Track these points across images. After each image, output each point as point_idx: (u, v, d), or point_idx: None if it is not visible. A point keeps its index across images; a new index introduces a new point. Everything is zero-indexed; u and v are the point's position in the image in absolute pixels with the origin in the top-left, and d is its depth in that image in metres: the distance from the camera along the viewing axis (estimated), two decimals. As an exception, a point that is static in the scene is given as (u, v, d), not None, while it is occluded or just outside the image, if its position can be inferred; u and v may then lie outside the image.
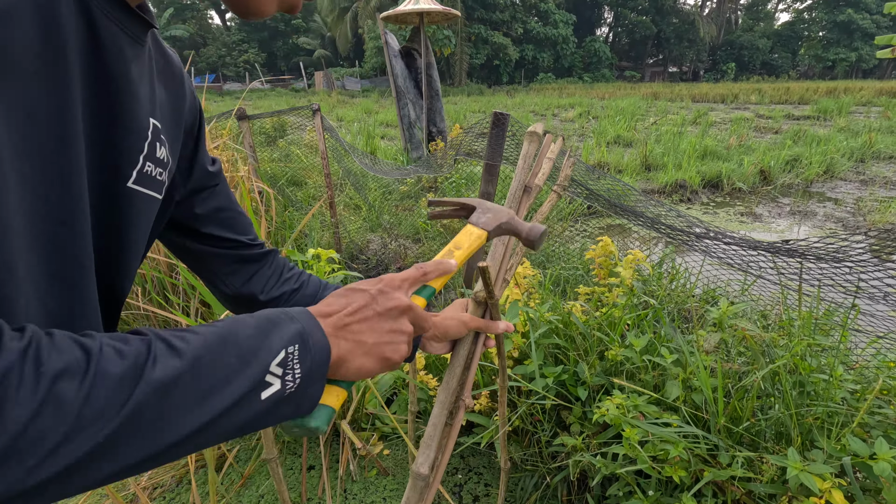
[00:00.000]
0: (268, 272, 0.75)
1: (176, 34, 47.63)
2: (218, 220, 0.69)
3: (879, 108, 16.81)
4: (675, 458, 1.10)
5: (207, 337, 0.39)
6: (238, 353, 0.39)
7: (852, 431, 1.03)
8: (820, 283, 1.22)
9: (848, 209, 5.48)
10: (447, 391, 0.71)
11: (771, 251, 1.21)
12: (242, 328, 0.41)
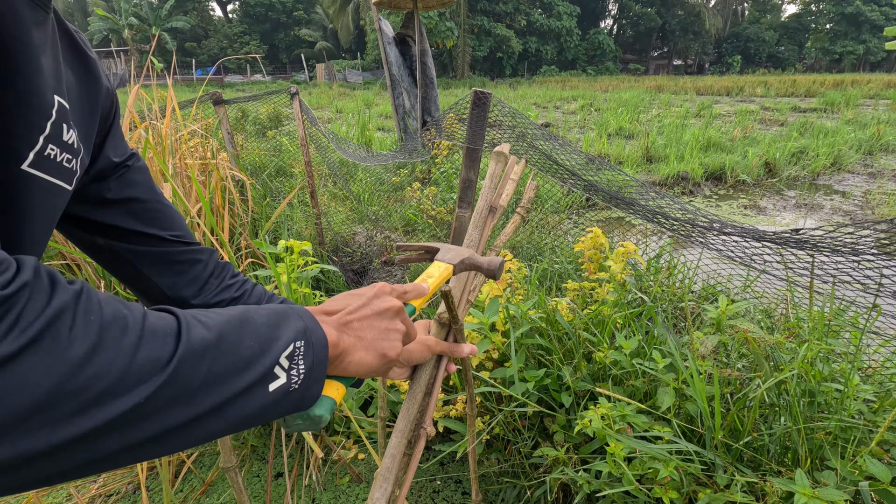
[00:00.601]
0: (202, 274, 0.68)
1: (177, 26, 47.37)
2: (132, 212, 0.62)
3: (888, 101, 16.52)
4: (666, 479, 0.97)
5: (229, 318, 0.38)
6: (256, 338, 0.38)
7: (870, 451, 0.89)
8: (835, 279, 1.08)
9: (856, 202, 5.31)
10: (406, 419, 0.67)
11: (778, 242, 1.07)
12: (256, 315, 0.40)
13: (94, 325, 0.30)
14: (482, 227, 0.96)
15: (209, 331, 0.36)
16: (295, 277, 1.92)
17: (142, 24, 46.26)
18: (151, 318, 0.33)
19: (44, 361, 0.27)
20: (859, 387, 0.96)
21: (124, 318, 0.32)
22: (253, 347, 0.37)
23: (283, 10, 52.97)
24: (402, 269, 2.67)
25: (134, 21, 45.50)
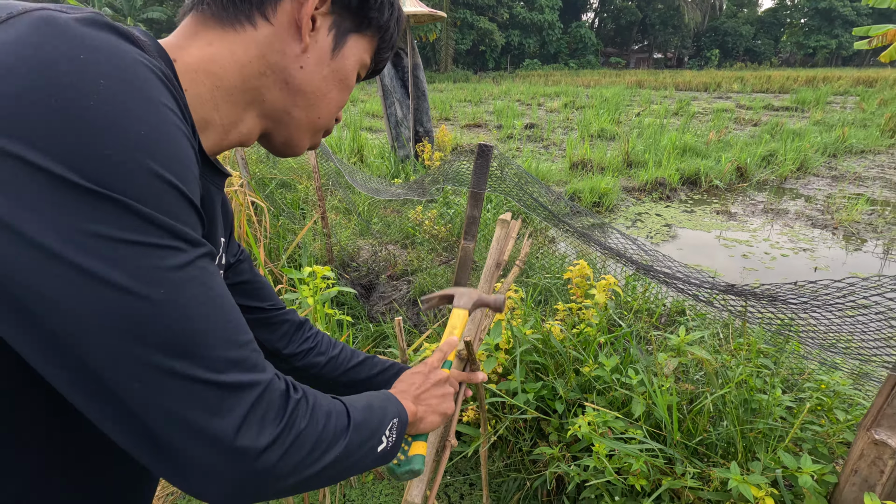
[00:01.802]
0: (289, 331, 0.89)
1: (153, 17, 46.33)
2: (242, 292, 0.83)
3: (856, 98, 17.21)
4: (637, 470, 1.27)
5: (364, 405, 0.56)
6: (376, 419, 0.56)
7: (785, 446, 1.20)
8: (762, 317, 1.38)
9: (818, 207, 5.72)
10: (436, 433, 0.87)
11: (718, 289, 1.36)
12: (376, 402, 0.59)
13: (322, 414, 0.49)
14: (491, 279, 1.20)
15: (358, 413, 0.54)
16: (318, 299, 2.18)
17: (116, 15, 45.13)
18: (337, 407, 0.52)
19: (308, 432, 0.46)
20: (780, 398, 1.28)
21: (329, 409, 0.50)
22: (376, 425, 0.56)
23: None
24: (407, 284, 2.94)
25: (108, 11, 44.30)
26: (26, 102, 0.33)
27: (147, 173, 0.37)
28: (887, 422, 1.03)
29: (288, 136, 0.61)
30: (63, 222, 0.33)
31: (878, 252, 4.46)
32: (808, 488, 1.11)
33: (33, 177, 0.33)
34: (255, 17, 0.54)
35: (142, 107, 0.38)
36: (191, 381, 0.38)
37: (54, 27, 0.36)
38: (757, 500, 1.12)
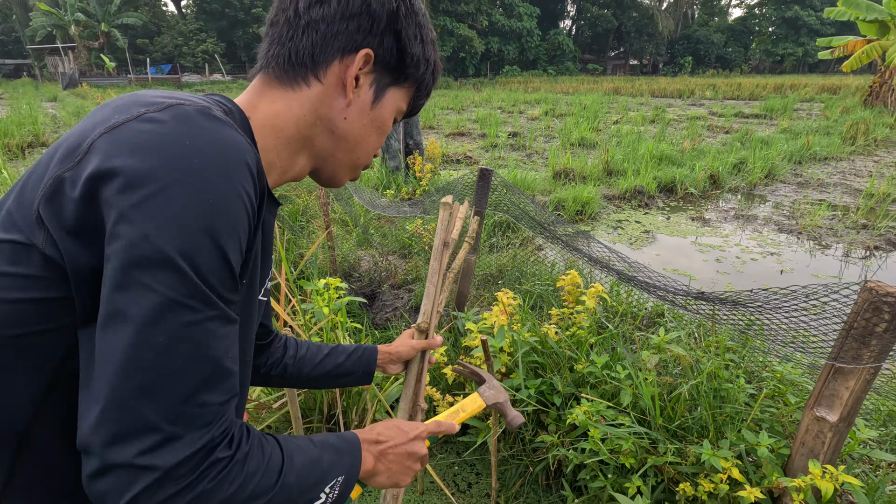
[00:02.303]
0: (268, 348, 0.93)
1: (128, 22, 45.51)
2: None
3: (821, 105, 18.02)
4: (626, 450, 1.50)
5: (307, 460, 0.58)
6: (315, 477, 0.58)
7: (748, 426, 1.45)
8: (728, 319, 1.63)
9: (785, 212, 6.10)
10: (406, 400, 0.97)
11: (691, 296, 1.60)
12: (324, 455, 0.61)
13: (253, 469, 0.50)
14: (440, 257, 1.15)
15: (292, 472, 0.55)
16: (333, 308, 2.37)
17: (89, 20, 44.19)
18: (274, 459, 0.53)
19: (213, 492, 0.46)
20: (744, 386, 1.52)
21: (254, 472, 0.50)
22: (314, 482, 0.58)
23: (241, 6, 51.48)
24: (409, 293, 3.14)
25: (81, 17, 43.32)
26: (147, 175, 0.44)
27: (217, 254, 0.47)
28: (825, 401, 1.28)
29: (332, 173, 0.72)
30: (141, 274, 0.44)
31: (838, 255, 4.82)
32: (766, 459, 1.35)
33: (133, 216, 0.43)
34: (309, 78, 0.63)
35: (233, 198, 0.48)
36: (144, 427, 0.43)
37: (186, 121, 0.48)
38: (725, 469, 1.36)
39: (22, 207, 0.48)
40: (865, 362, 1.17)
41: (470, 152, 9.52)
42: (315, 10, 0.61)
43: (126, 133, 0.46)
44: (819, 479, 1.22)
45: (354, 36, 0.63)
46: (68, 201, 0.45)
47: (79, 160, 0.46)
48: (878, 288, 1.14)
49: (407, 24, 0.65)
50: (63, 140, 0.51)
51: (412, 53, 0.67)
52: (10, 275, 0.47)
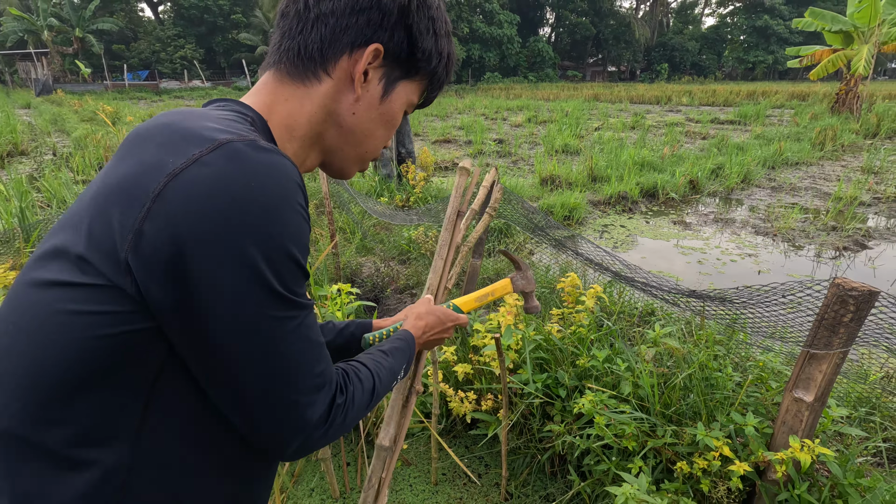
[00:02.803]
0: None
1: (103, 28, 44.72)
2: None
3: (791, 111, 18.72)
4: (629, 434, 1.66)
5: (387, 369, 0.77)
6: (395, 373, 0.79)
7: (735, 409, 1.63)
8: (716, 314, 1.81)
9: (760, 216, 6.41)
10: (403, 385, 1.05)
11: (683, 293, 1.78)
12: (397, 361, 0.80)
13: (354, 408, 0.65)
14: (452, 228, 1.13)
15: (381, 379, 0.73)
16: (346, 313, 2.50)
17: (63, 26, 43.30)
18: (365, 386, 0.69)
19: (345, 422, 0.62)
20: (731, 374, 1.70)
21: (358, 396, 0.66)
22: (392, 377, 0.77)
23: (220, 12, 51.01)
24: (411, 297, 3.28)
25: (54, 22, 42.40)
26: (228, 212, 0.48)
27: (293, 264, 0.53)
28: (802, 384, 1.46)
29: (340, 166, 0.73)
30: (247, 302, 0.51)
31: (810, 255, 5.11)
32: (752, 437, 1.53)
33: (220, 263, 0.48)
34: (319, 73, 0.63)
35: (293, 209, 0.53)
36: (291, 404, 0.56)
37: (238, 159, 0.50)
38: (717, 448, 1.54)
39: (100, 254, 0.50)
40: (835, 348, 1.35)
41: (457, 159, 9.70)
42: (325, 4, 0.61)
43: (190, 184, 0.48)
44: (798, 451, 1.40)
45: (364, 30, 0.62)
46: (154, 256, 0.48)
47: (148, 209, 0.48)
48: (845, 283, 1.32)
49: (419, 18, 0.64)
50: (112, 180, 0.53)
51: (424, 48, 0.66)
52: (98, 313, 0.49)
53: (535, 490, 2.10)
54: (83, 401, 0.51)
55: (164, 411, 0.54)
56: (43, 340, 0.51)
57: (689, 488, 1.59)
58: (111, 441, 0.53)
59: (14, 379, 0.52)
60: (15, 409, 0.52)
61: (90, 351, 0.50)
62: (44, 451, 0.51)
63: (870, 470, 1.54)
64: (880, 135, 12.83)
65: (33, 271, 0.54)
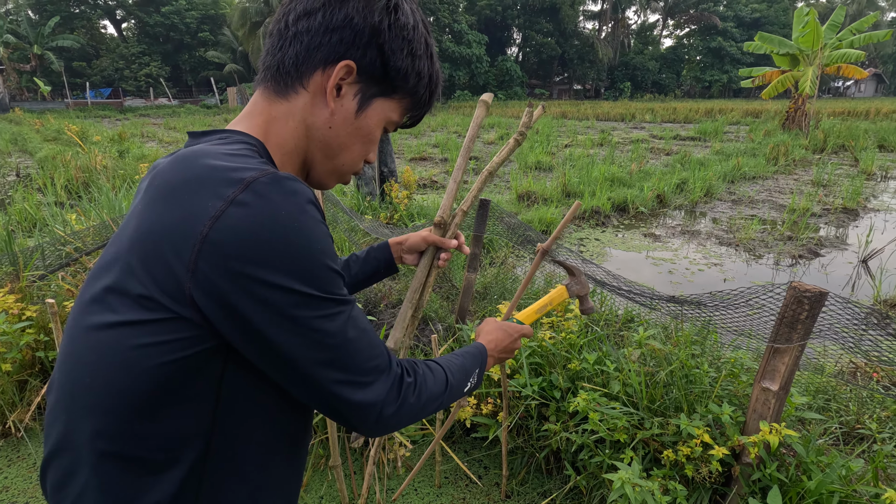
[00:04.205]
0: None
1: (64, 44, 43.59)
2: None
3: (746, 128, 19.81)
4: (620, 427, 1.84)
5: (459, 367, 0.84)
6: (467, 375, 0.85)
7: (712, 401, 1.83)
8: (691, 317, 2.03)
9: (723, 227, 6.82)
10: (413, 290, 0.99)
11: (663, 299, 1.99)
12: (469, 363, 0.86)
13: (426, 389, 0.73)
14: (466, 154, 1.04)
15: (453, 376, 0.80)
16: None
17: (20, 42, 41.99)
18: (437, 376, 0.76)
19: (414, 404, 0.70)
20: (707, 370, 1.91)
21: (432, 384, 0.75)
22: (464, 378, 0.83)
23: (187, 30, 50.39)
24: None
25: (10, 39, 41.08)
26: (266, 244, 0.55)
27: (327, 270, 0.60)
28: (769, 375, 1.68)
29: (318, 178, 0.77)
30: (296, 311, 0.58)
31: (769, 263, 5.49)
32: (728, 424, 1.73)
33: (273, 288, 0.56)
34: (297, 87, 0.68)
35: (318, 232, 0.59)
36: (351, 383, 0.63)
37: (266, 196, 0.56)
38: (698, 435, 1.73)
39: (162, 292, 0.56)
40: (795, 342, 1.57)
41: (435, 177, 9.92)
42: (301, 23, 0.66)
43: (231, 223, 0.54)
44: (768, 434, 1.61)
45: (337, 48, 0.66)
46: (214, 289, 0.55)
47: (198, 250, 0.54)
48: (800, 286, 1.55)
49: (391, 38, 0.67)
50: (157, 227, 0.57)
51: (398, 67, 0.69)
52: (167, 342, 0.57)
53: (534, 487, 2.25)
54: (165, 413, 0.60)
55: (230, 407, 0.63)
56: (122, 375, 0.58)
57: (675, 474, 1.78)
58: (191, 440, 0.61)
59: (100, 411, 0.60)
60: (107, 435, 0.60)
61: (165, 374, 0.58)
62: (138, 461, 0.60)
63: (828, 449, 1.77)
64: (827, 150, 13.75)
65: (92, 315, 0.61)
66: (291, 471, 0.76)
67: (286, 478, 0.74)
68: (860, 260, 5.51)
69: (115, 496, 0.61)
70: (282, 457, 0.72)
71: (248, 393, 0.64)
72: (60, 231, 4.03)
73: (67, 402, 0.63)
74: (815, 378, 2.38)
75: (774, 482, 1.64)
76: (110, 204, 4.96)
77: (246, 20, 44.37)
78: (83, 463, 0.61)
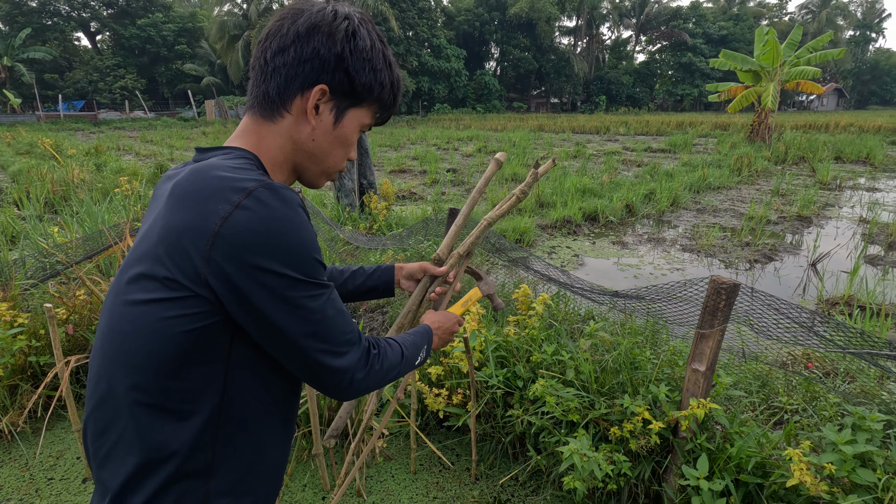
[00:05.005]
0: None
1: (35, 56, 42.86)
2: None
3: (714, 140, 20.61)
4: (573, 409, 2.08)
5: (411, 343, 1.00)
6: (417, 350, 1.01)
7: (652, 383, 2.08)
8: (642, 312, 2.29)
9: (687, 235, 7.20)
10: (403, 315, 1.23)
11: (609, 294, 2.23)
12: (420, 340, 1.03)
13: (387, 360, 0.89)
14: (472, 203, 1.25)
15: (408, 350, 0.96)
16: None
17: (-11, 53, 41.14)
18: (395, 350, 0.92)
19: (379, 370, 0.86)
20: (649, 357, 2.16)
21: (392, 355, 0.90)
22: (416, 353, 1.00)
23: (164, 43, 49.91)
24: (382, 315, 3.61)
25: (-21, 50, 40.25)
26: (265, 239, 0.69)
27: (313, 260, 0.74)
28: (697, 358, 1.93)
29: (310, 180, 0.92)
30: (287, 292, 0.72)
31: (728, 268, 5.84)
32: (664, 402, 1.98)
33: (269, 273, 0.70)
34: (281, 111, 0.82)
35: (306, 231, 0.74)
36: (329, 352, 0.78)
37: (265, 202, 0.70)
38: (639, 413, 1.97)
39: (184, 276, 0.70)
40: (716, 327, 1.83)
41: (414, 189, 10.16)
42: (278, 59, 0.79)
43: (237, 223, 0.68)
44: (696, 409, 1.86)
45: (310, 75, 0.80)
46: (224, 274, 0.69)
47: (212, 244, 0.68)
48: (718, 279, 1.81)
49: (353, 61, 0.81)
50: (179, 224, 0.70)
51: (362, 82, 0.83)
52: (187, 315, 0.71)
53: (501, 470, 2.46)
54: (188, 372, 0.74)
55: (238, 372, 0.77)
56: (152, 341, 0.73)
57: (621, 448, 2.01)
58: (207, 395, 0.75)
59: (136, 369, 0.74)
60: (141, 388, 0.74)
61: (186, 341, 0.72)
62: (166, 410, 0.74)
63: (750, 422, 2.02)
64: (787, 161, 14.46)
65: (128, 295, 0.75)
66: (284, 428, 0.93)
67: (280, 433, 0.92)
68: (810, 263, 5.91)
69: (148, 437, 0.74)
70: (277, 417, 0.87)
71: (250, 361, 0.78)
72: (43, 244, 4.13)
73: (109, 364, 0.77)
74: (752, 367, 2.65)
75: (704, 451, 1.89)
76: (93, 216, 5.05)
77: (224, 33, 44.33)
78: (122, 412, 0.75)
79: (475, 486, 2.39)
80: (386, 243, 3.75)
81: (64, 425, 2.84)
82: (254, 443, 0.82)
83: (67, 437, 2.74)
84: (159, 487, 0.74)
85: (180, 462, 0.74)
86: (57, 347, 2.24)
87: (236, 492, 0.81)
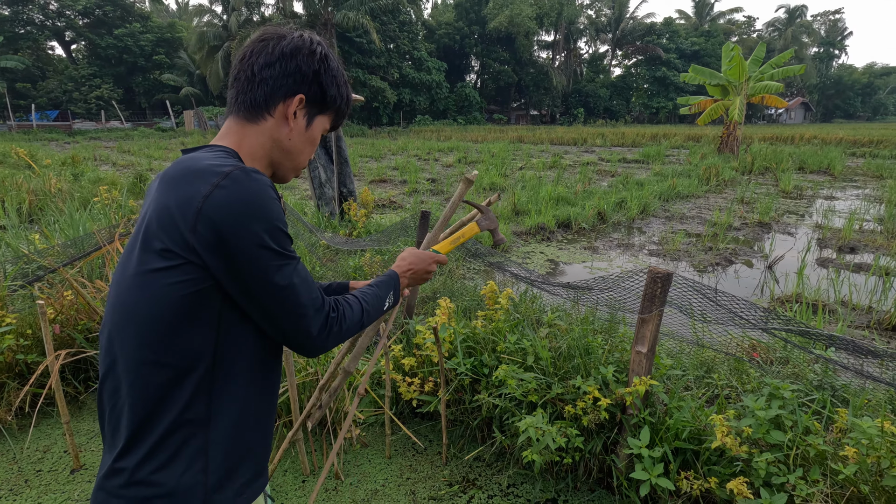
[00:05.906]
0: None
1: (7, 66, 42.01)
2: None
3: (687, 152, 21.34)
4: (532, 390, 2.29)
5: (372, 295, 1.09)
6: (381, 300, 1.11)
7: (602, 365, 2.31)
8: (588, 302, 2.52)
9: (655, 240, 7.54)
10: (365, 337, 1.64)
11: (562, 286, 2.46)
12: (382, 289, 1.12)
13: (348, 318, 0.98)
14: (449, 214, 1.45)
15: (368, 304, 1.04)
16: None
17: (-42, 63, 40.20)
18: (354, 308, 1.00)
19: (341, 329, 0.96)
20: (600, 342, 2.39)
21: (352, 313, 0.99)
22: (381, 302, 1.09)
23: (141, 53, 49.30)
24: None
25: (-51, 60, 39.30)
26: (242, 222, 0.80)
27: (281, 232, 0.85)
28: (640, 341, 2.16)
29: (282, 174, 1.04)
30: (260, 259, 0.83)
31: (691, 271, 6.17)
32: (612, 382, 2.21)
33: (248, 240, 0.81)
34: (265, 115, 0.95)
35: (273, 205, 0.84)
36: (295, 314, 0.88)
37: (239, 181, 0.81)
38: (590, 392, 2.19)
39: (177, 245, 0.80)
40: (654, 311, 2.07)
41: (394, 198, 10.37)
42: (265, 71, 0.93)
43: (217, 200, 0.79)
44: (638, 385, 2.09)
45: (293, 87, 0.95)
46: (208, 243, 0.80)
47: (196, 218, 0.79)
48: (654, 269, 2.06)
49: (326, 77, 0.98)
50: (171, 202, 0.81)
51: (331, 94, 1.00)
52: (182, 281, 0.81)
53: (469, 452, 2.65)
54: (185, 332, 0.84)
55: (227, 332, 0.87)
56: (154, 304, 0.83)
57: (574, 425, 2.23)
58: (203, 353, 0.85)
59: (142, 330, 0.84)
60: (146, 345, 0.84)
61: (183, 304, 0.82)
62: (168, 365, 0.84)
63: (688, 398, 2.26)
64: (754, 171, 15.10)
65: (132, 266, 0.85)
66: (268, 384, 1.00)
67: (265, 389, 1.06)
68: (767, 266, 6.28)
69: (153, 389, 0.85)
70: (262, 374, 0.97)
71: (238, 321, 0.88)
72: (25, 250, 4.21)
73: (118, 329, 0.87)
74: (700, 354, 2.91)
75: (647, 424, 2.12)
76: (74, 224, 5.12)
77: (204, 44, 44.08)
78: (130, 369, 0.85)
79: (446, 467, 2.58)
80: (364, 246, 3.93)
81: (50, 422, 2.94)
82: (243, 396, 0.92)
83: (54, 433, 2.85)
84: (163, 434, 0.84)
85: (180, 411, 0.85)
86: (48, 342, 2.37)
87: (233, 444, 0.91)
